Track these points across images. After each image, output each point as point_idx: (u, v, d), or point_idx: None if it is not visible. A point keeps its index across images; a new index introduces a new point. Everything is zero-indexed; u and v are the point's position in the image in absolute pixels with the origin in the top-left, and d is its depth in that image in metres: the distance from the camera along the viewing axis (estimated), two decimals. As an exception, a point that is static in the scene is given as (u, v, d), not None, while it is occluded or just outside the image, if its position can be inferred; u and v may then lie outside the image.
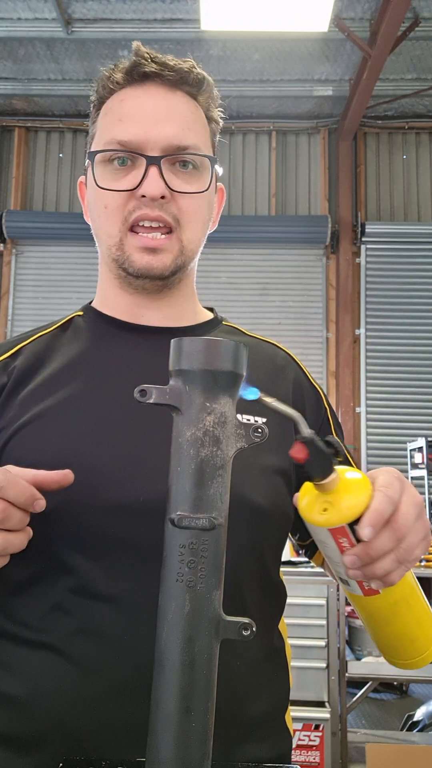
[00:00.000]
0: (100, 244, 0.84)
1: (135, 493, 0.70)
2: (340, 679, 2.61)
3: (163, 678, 0.48)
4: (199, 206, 0.81)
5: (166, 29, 4.68)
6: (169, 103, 0.79)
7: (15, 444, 0.75)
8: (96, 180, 0.79)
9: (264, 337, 0.94)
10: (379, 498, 0.58)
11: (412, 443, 5.12)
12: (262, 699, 0.74)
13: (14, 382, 0.80)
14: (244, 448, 0.50)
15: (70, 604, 0.69)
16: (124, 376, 0.79)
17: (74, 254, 5.72)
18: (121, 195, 0.78)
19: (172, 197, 0.77)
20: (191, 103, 0.81)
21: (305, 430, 0.55)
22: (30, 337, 0.86)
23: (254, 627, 0.49)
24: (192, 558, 0.48)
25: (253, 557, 0.75)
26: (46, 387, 0.79)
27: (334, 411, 0.93)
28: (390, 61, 4.69)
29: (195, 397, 0.49)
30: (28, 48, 5.01)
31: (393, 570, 0.60)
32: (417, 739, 2.72)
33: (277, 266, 5.76)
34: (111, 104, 0.81)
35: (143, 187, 0.76)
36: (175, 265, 0.80)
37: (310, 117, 5.87)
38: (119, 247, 0.79)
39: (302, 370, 0.91)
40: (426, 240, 5.67)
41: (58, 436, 0.74)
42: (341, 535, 0.59)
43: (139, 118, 0.77)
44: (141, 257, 0.78)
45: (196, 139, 0.79)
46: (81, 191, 0.89)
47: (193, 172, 0.79)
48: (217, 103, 0.85)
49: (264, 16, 4.20)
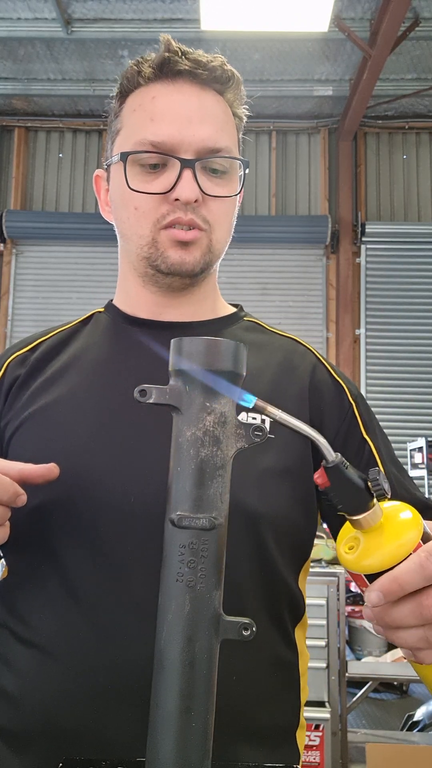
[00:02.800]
0: (127, 243, 0.82)
1: (126, 493, 0.70)
2: (340, 679, 2.61)
3: (163, 678, 0.48)
4: (228, 209, 0.80)
5: (166, 29, 4.67)
6: (202, 102, 0.77)
7: (19, 436, 0.77)
8: (127, 181, 0.77)
9: (287, 333, 0.91)
10: (408, 565, 0.49)
11: (412, 443, 5.12)
12: (264, 711, 0.72)
13: (27, 374, 0.81)
14: (245, 448, 0.50)
15: (59, 602, 0.70)
16: (132, 370, 0.79)
17: (74, 254, 5.72)
18: (153, 198, 0.76)
19: (204, 200, 0.77)
20: (221, 101, 0.80)
21: (328, 455, 0.48)
22: (50, 333, 0.88)
23: (254, 627, 0.49)
24: (192, 558, 0.48)
25: (251, 563, 0.73)
26: (54, 380, 0.80)
27: (367, 407, 0.85)
28: (390, 61, 4.69)
29: (195, 397, 0.49)
30: (28, 48, 5.00)
31: (421, 648, 0.51)
32: (417, 739, 2.72)
33: (277, 266, 5.76)
34: (140, 100, 0.78)
35: (177, 190, 0.75)
36: (204, 261, 0.79)
37: (310, 117, 5.87)
38: (152, 245, 0.78)
39: (324, 365, 0.86)
40: (426, 240, 5.67)
41: (57, 431, 0.75)
42: (361, 583, 0.53)
43: (172, 118, 0.75)
44: (175, 252, 0.77)
45: (228, 140, 0.78)
46: (97, 185, 0.88)
47: (223, 175, 0.79)
48: (243, 99, 0.84)
49: (264, 16, 4.20)
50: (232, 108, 0.82)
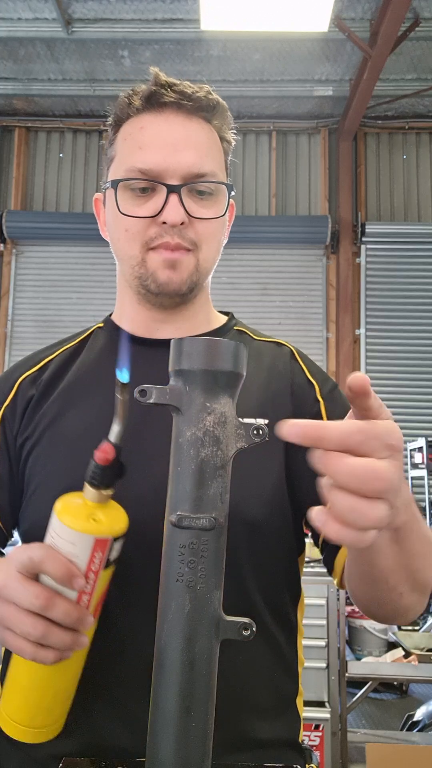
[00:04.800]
0: (121, 263, 0.88)
1: (138, 500, 0.71)
2: (340, 679, 2.61)
3: (163, 678, 0.48)
4: (215, 230, 0.84)
5: (166, 29, 4.68)
6: (188, 131, 0.82)
7: (36, 453, 0.82)
8: (118, 206, 0.82)
9: (270, 337, 0.94)
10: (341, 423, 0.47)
11: (412, 443, 5.12)
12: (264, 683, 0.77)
13: (40, 394, 0.86)
14: (244, 448, 0.50)
15: None
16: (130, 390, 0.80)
17: (74, 254, 5.71)
18: (142, 221, 0.81)
19: (190, 222, 0.81)
20: (207, 128, 0.85)
21: (111, 435, 0.58)
22: (56, 351, 0.92)
23: (254, 627, 0.49)
24: (192, 558, 0.48)
25: (249, 553, 0.76)
26: (63, 398, 0.85)
27: (341, 404, 0.86)
28: (390, 61, 4.69)
29: (195, 397, 0.49)
30: (28, 48, 5.01)
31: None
32: (417, 739, 2.72)
33: (278, 266, 5.76)
34: (130, 130, 0.84)
35: (164, 214, 0.79)
36: (191, 281, 0.83)
37: (310, 117, 5.87)
38: (141, 265, 0.83)
39: (300, 365, 0.90)
40: (426, 240, 5.67)
41: (68, 448, 0.79)
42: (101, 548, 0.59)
43: (159, 147, 0.80)
44: (163, 272, 0.82)
45: (213, 165, 0.83)
46: (97, 208, 0.93)
47: (209, 198, 0.83)
48: (231, 124, 0.89)
49: (264, 16, 4.20)
50: (220, 133, 0.87)
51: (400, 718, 3.07)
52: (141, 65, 5.13)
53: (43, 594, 0.58)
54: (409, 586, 0.67)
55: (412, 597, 0.69)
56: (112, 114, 0.87)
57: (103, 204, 0.90)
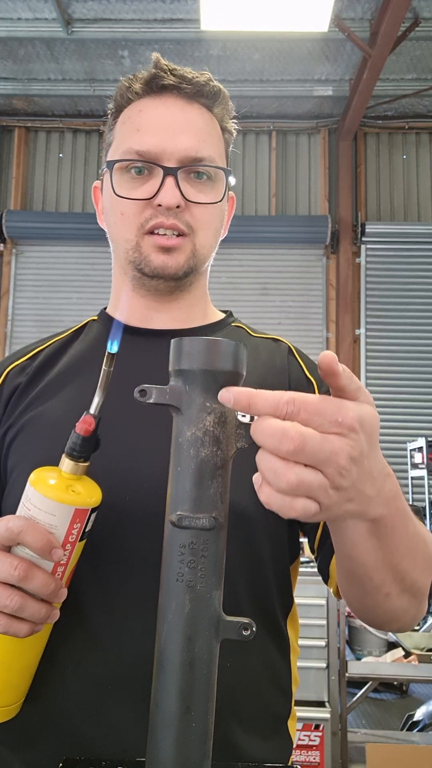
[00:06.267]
0: (116, 247, 0.86)
1: (121, 494, 0.71)
2: (340, 679, 2.61)
3: (163, 678, 0.48)
4: (212, 215, 0.83)
5: (166, 29, 4.68)
6: (187, 115, 0.81)
7: (18, 442, 0.79)
8: (114, 188, 0.81)
9: (268, 334, 0.93)
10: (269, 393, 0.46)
11: (412, 443, 5.12)
12: (255, 700, 0.74)
13: (27, 382, 0.84)
14: (245, 447, 0.50)
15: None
16: (123, 379, 0.79)
17: (74, 254, 5.72)
18: (138, 203, 0.80)
19: (186, 206, 0.80)
20: (207, 114, 0.83)
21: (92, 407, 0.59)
22: (48, 342, 0.91)
23: (254, 627, 0.49)
24: (192, 558, 0.48)
25: (242, 558, 0.74)
26: (51, 387, 0.83)
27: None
28: (390, 61, 4.69)
29: (195, 397, 0.49)
30: (28, 48, 5.01)
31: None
32: (417, 739, 2.72)
33: (278, 266, 5.77)
34: (129, 114, 0.83)
35: (160, 196, 0.78)
36: (188, 266, 0.82)
37: (310, 117, 5.87)
38: (136, 249, 0.81)
39: (298, 362, 0.89)
40: (426, 240, 5.67)
41: (53, 437, 0.75)
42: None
43: (156, 129, 0.80)
44: (157, 256, 0.80)
45: (211, 150, 0.82)
46: (95, 196, 0.91)
47: (207, 183, 0.82)
48: (232, 114, 0.88)
49: (264, 16, 4.20)
50: (222, 123, 0.86)
51: (400, 718, 3.07)
52: (141, 65, 5.13)
53: (22, 565, 0.57)
54: (398, 588, 0.64)
55: (402, 600, 0.66)
56: (113, 100, 0.86)
57: (101, 191, 0.89)
